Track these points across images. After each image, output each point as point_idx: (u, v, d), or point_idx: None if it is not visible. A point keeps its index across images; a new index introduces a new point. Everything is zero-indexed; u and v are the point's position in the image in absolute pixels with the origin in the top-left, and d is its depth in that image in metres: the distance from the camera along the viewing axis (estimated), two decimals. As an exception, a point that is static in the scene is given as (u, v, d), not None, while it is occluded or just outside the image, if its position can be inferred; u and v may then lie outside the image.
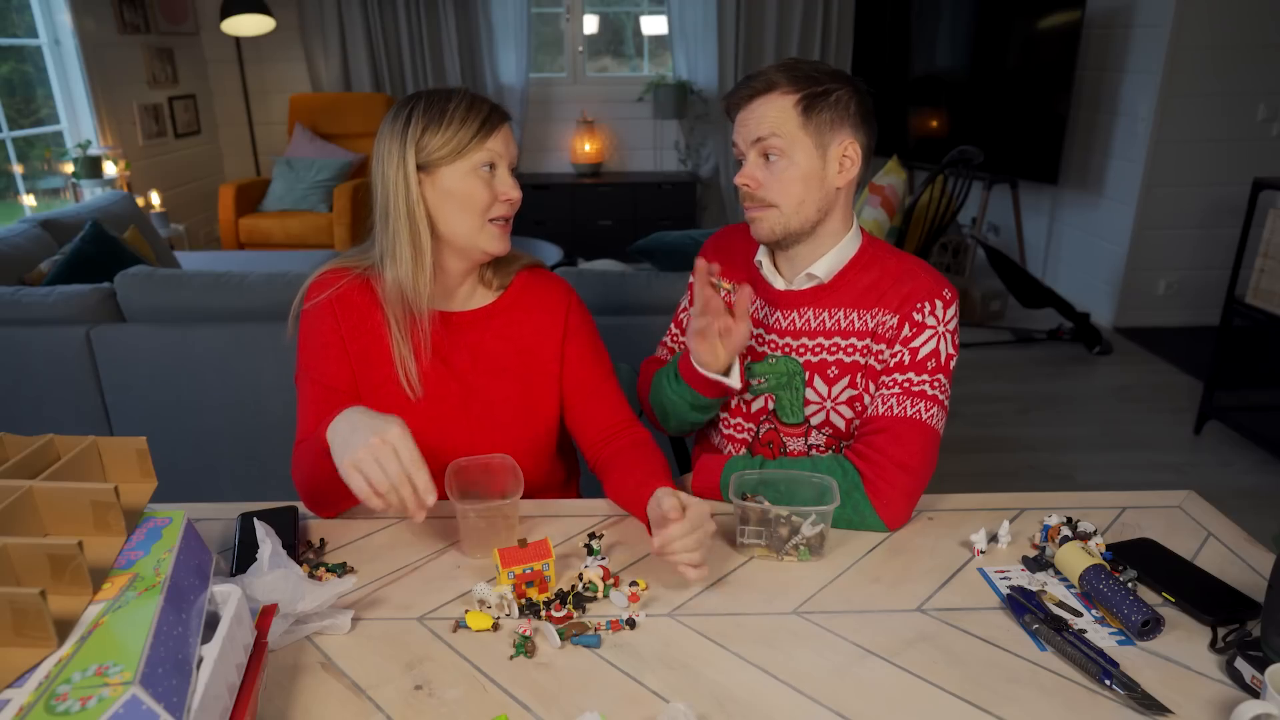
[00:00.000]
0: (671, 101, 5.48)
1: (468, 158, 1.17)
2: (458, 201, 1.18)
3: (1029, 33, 4.44)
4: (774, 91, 1.21)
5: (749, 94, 1.22)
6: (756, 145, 1.22)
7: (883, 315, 1.24)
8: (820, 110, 1.20)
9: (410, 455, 0.98)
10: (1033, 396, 3.52)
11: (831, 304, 1.27)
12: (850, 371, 1.26)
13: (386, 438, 0.98)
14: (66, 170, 4.13)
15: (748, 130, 1.23)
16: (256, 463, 2.23)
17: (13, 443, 0.87)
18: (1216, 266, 4.11)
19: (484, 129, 1.17)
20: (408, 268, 1.18)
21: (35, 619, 0.67)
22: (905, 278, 1.25)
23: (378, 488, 0.97)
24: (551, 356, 1.30)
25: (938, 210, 3.86)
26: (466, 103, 1.17)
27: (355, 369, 1.24)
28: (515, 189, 1.21)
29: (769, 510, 1.08)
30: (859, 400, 1.27)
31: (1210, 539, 1.14)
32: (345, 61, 5.42)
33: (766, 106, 1.21)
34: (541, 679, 0.89)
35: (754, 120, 1.22)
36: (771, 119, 1.20)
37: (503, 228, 1.22)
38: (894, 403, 1.20)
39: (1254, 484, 2.85)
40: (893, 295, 1.24)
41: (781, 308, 1.31)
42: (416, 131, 1.16)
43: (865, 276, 1.27)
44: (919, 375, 1.21)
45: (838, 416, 1.28)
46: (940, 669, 0.90)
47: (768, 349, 1.32)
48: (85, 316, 2.15)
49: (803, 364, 1.29)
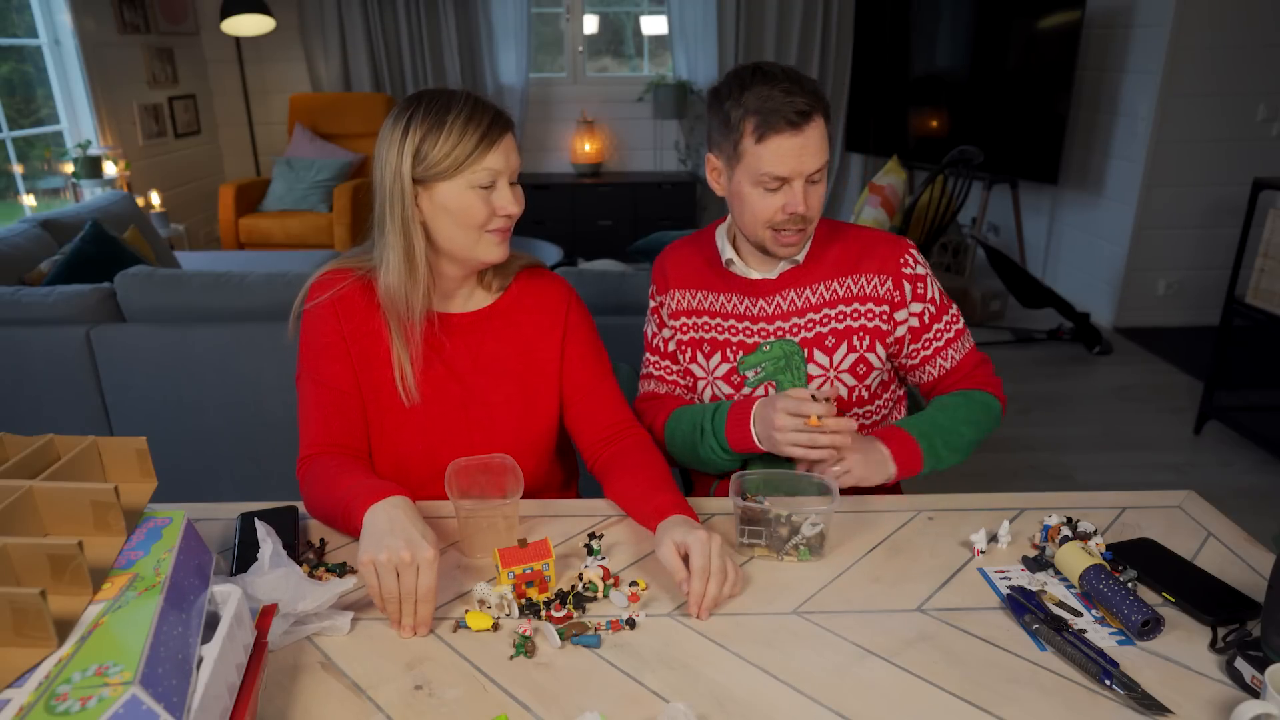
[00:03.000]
0: (671, 101, 5.48)
1: (464, 174, 1.14)
2: (453, 216, 1.16)
3: (1029, 33, 4.44)
4: (815, 115, 1.20)
5: (799, 120, 1.18)
6: (809, 175, 1.22)
7: (870, 279, 1.31)
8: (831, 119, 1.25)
9: (427, 586, 0.95)
10: (1033, 396, 3.52)
11: (810, 280, 1.33)
12: (846, 337, 1.32)
13: (417, 556, 0.94)
14: (66, 170, 4.13)
15: (804, 162, 1.20)
16: (256, 463, 2.23)
17: (13, 443, 0.87)
18: (1216, 266, 4.11)
19: (482, 144, 1.13)
20: (399, 277, 1.18)
21: (35, 619, 0.67)
22: (871, 242, 1.34)
23: (385, 596, 0.95)
24: (551, 356, 1.30)
25: (938, 210, 3.86)
26: (466, 113, 1.13)
27: (357, 370, 1.24)
28: (515, 204, 1.18)
29: (769, 510, 1.08)
30: (861, 362, 1.32)
31: (1210, 539, 1.14)
32: (345, 61, 5.42)
33: (819, 134, 1.21)
34: (541, 679, 0.89)
35: (811, 152, 1.20)
36: (824, 148, 1.22)
37: (501, 236, 1.20)
38: (953, 352, 1.36)
39: (1254, 484, 2.85)
40: (868, 260, 1.32)
41: (764, 295, 1.34)
42: (414, 141, 1.13)
43: (831, 249, 1.34)
44: (948, 314, 1.35)
45: (841, 385, 1.33)
46: (940, 669, 0.90)
47: (758, 338, 1.34)
48: (85, 316, 2.15)
49: (799, 342, 1.32)
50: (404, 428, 1.25)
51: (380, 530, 0.98)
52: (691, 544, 1.00)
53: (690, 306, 1.40)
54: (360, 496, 1.04)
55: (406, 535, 0.96)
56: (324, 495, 1.13)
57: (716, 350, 1.38)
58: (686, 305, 1.40)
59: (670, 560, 1.00)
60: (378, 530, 0.98)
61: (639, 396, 1.49)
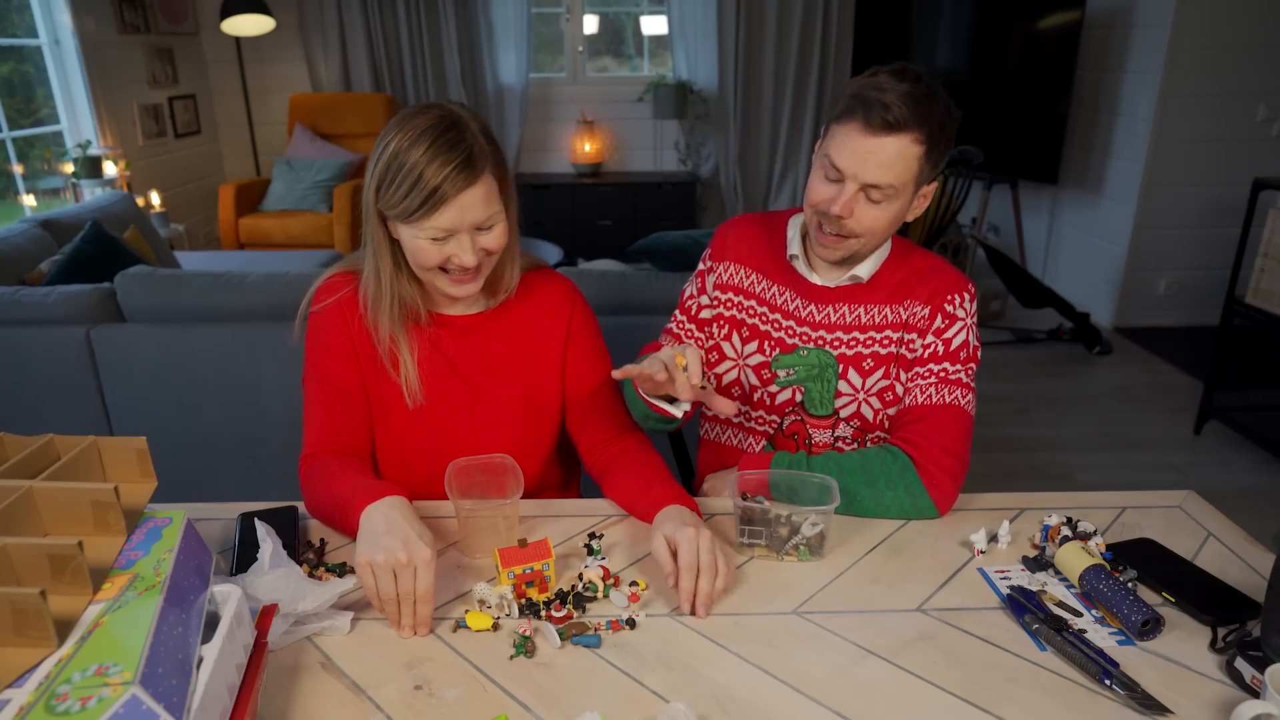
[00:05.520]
0: (671, 101, 5.48)
1: (415, 225, 1.09)
2: (410, 252, 1.14)
3: (1029, 33, 4.44)
4: (905, 135, 1.11)
5: (880, 126, 1.11)
6: (867, 187, 1.14)
7: (914, 307, 1.27)
8: (933, 159, 1.15)
9: (425, 587, 0.94)
10: (1033, 396, 3.52)
11: (869, 300, 1.29)
12: (885, 363, 1.28)
13: (414, 558, 0.94)
14: (66, 170, 4.13)
15: (865, 169, 1.13)
16: (256, 463, 2.23)
17: (13, 443, 0.87)
18: (1216, 266, 4.11)
19: (430, 202, 1.06)
20: (372, 293, 1.19)
21: (35, 619, 0.67)
22: (932, 271, 1.28)
23: (383, 597, 0.94)
24: (555, 357, 1.30)
25: (938, 210, 3.86)
26: (425, 161, 1.05)
27: (364, 371, 1.24)
28: (469, 253, 1.10)
29: (769, 510, 1.08)
30: (889, 390, 1.29)
31: (1210, 539, 1.14)
32: (345, 61, 5.42)
33: (897, 152, 1.12)
34: (541, 679, 0.89)
35: (876, 162, 1.12)
36: (897, 170, 1.13)
37: (461, 278, 1.15)
38: (932, 391, 1.23)
39: (1254, 484, 2.85)
40: (922, 288, 1.27)
41: (816, 302, 1.30)
42: (378, 173, 1.09)
43: (898, 273, 1.29)
44: (954, 365, 1.24)
45: (868, 408, 1.30)
46: (940, 669, 0.90)
47: (799, 340, 1.31)
48: (85, 316, 2.15)
49: (836, 357, 1.29)
50: (410, 428, 1.25)
51: (377, 531, 0.97)
52: (680, 540, 0.99)
53: (741, 285, 1.36)
54: (358, 496, 1.04)
55: (403, 536, 0.96)
56: (323, 494, 1.13)
57: (755, 339, 1.35)
58: (738, 282, 1.36)
59: (660, 554, 1.01)
60: (374, 531, 0.98)
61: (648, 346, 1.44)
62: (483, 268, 1.16)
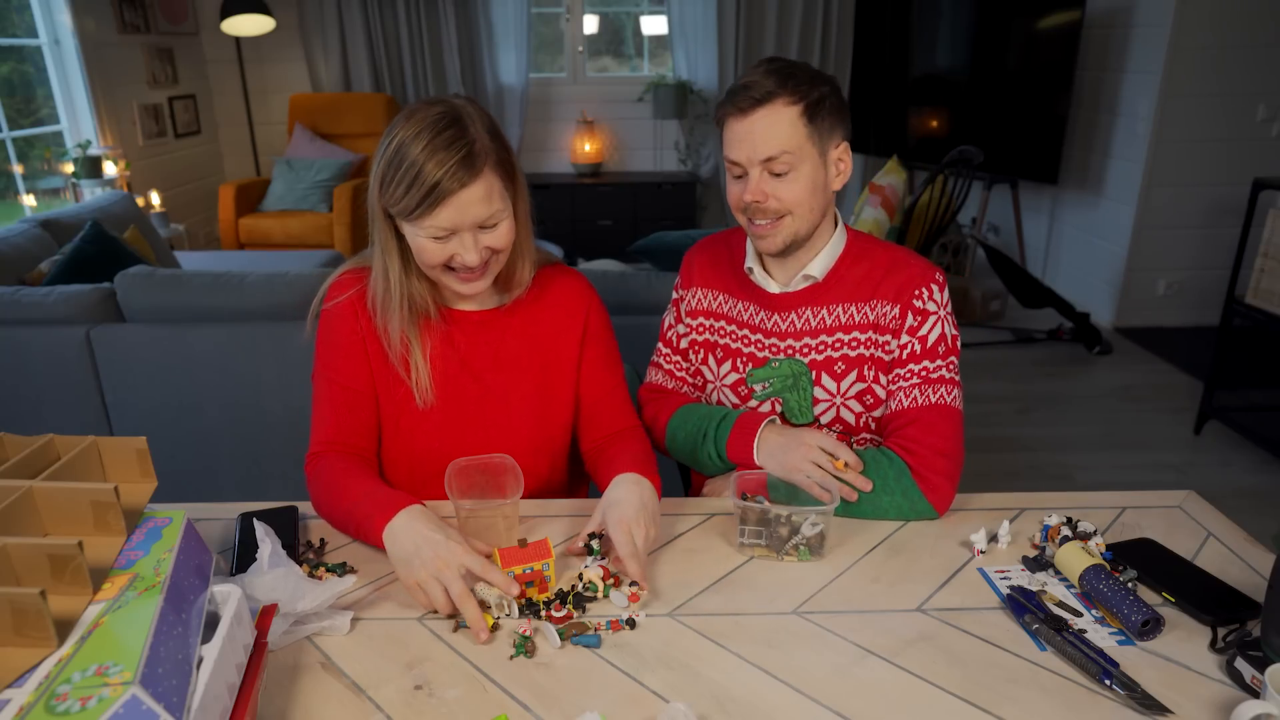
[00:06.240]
0: (671, 101, 5.48)
1: (416, 223, 1.09)
2: (415, 251, 1.14)
3: (1029, 33, 4.44)
4: (776, 102, 1.15)
5: (747, 104, 1.16)
6: (766, 164, 1.17)
7: (882, 306, 1.25)
8: (820, 117, 1.17)
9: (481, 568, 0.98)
10: (1033, 396, 3.52)
11: (829, 300, 1.28)
12: (857, 365, 1.27)
13: (451, 560, 0.97)
14: (66, 170, 4.13)
15: (751, 147, 1.17)
16: (256, 463, 2.23)
17: (13, 443, 0.87)
18: (1216, 266, 4.11)
19: (428, 200, 1.05)
20: (381, 295, 1.19)
21: (35, 619, 0.67)
22: (896, 266, 1.26)
23: (440, 611, 0.97)
24: (570, 355, 1.30)
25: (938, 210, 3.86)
26: (424, 158, 1.04)
27: (374, 369, 1.24)
28: (472, 253, 1.10)
29: (769, 510, 1.08)
30: (869, 393, 1.28)
31: (1210, 539, 1.14)
32: (345, 61, 5.42)
33: (771, 120, 1.15)
34: (541, 679, 0.89)
35: (759, 137, 1.16)
36: (781, 136, 1.15)
37: (468, 277, 1.14)
38: (916, 394, 1.22)
39: (1254, 484, 2.85)
40: (887, 285, 1.25)
41: (779, 310, 1.31)
42: (381, 170, 1.09)
43: (856, 269, 1.28)
44: (934, 362, 1.23)
45: (847, 411, 1.29)
46: (940, 669, 0.90)
47: (769, 353, 1.32)
48: (85, 316, 2.15)
49: (808, 363, 1.29)
50: (420, 425, 1.24)
51: (408, 551, 0.99)
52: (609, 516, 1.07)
53: (708, 308, 1.38)
54: (373, 513, 1.05)
55: (433, 546, 0.98)
56: (334, 499, 1.13)
57: (729, 358, 1.36)
58: (705, 306, 1.38)
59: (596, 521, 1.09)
60: (405, 552, 0.99)
61: (644, 385, 1.46)
62: (489, 266, 1.15)
